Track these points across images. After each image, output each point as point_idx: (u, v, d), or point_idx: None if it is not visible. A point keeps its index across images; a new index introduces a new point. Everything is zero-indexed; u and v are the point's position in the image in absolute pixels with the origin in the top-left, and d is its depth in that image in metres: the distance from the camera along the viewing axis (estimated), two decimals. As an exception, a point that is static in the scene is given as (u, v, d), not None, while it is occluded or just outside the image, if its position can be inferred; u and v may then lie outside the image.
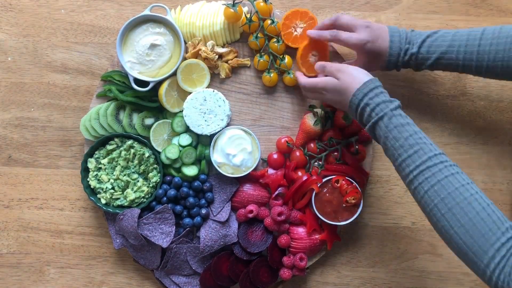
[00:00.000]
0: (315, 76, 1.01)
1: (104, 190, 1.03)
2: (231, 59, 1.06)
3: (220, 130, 1.02)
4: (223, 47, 1.06)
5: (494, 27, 0.89)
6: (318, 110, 1.03)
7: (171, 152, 1.02)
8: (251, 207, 1.02)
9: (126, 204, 1.03)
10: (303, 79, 0.99)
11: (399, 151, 0.78)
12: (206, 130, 1.02)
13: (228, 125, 1.05)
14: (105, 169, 1.03)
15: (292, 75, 1.04)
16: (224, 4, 1.03)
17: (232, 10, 1.00)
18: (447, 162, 0.76)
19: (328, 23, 0.98)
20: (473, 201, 0.71)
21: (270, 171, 1.04)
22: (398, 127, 0.79)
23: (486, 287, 1.11)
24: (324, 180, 1.02)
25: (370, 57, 0.94)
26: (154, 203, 1.04)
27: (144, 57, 1.02)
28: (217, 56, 1.04)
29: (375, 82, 0.84)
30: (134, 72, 1.02)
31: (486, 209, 0.70)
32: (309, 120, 1.02)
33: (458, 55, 0.89)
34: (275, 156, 1.04)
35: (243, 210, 1.03)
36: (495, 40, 0.87)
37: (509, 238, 0.68)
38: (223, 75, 1.06)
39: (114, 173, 1.03)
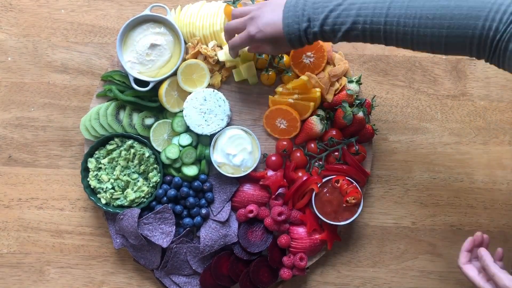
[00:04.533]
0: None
1: (104, 190, 1.03)
2: (227, 73, 1.06)
3: (220, 130, 1.02)
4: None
5: None
6: (321, 112, 1.03)
7: (171, 152, 1.02)
8: (251, 207, 1.02)
9: (126, 204, 1.03)
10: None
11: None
12: (206, 130, 1.02)
13: (228, 125, 1.05)
14: (105, 169, 1.03)
15: (290, 75, 1.04)
16: (225, 2, 1.03)
17: (232, 8, 1.00)
18: None
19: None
20: None
21: (270, 172, 1.04)
22: None
23: None
24: (324, 180, 1.02)
25: (272, 43, 0.87)
26: (154, 203, 1.04)
27: (144, 57, 1.02)
28: (217, 57, 1.04)
29: None
30: (134, 72, 1.02)
31: None
32: (316, 126, 1.01)
33: (365, 31, 0.79)
34: (273, 158, 1.04)
35: (243, 210, 1.03)
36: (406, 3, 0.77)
37: None
38: (214, 83, 1.06)
39: (114, 173, 1.03)
